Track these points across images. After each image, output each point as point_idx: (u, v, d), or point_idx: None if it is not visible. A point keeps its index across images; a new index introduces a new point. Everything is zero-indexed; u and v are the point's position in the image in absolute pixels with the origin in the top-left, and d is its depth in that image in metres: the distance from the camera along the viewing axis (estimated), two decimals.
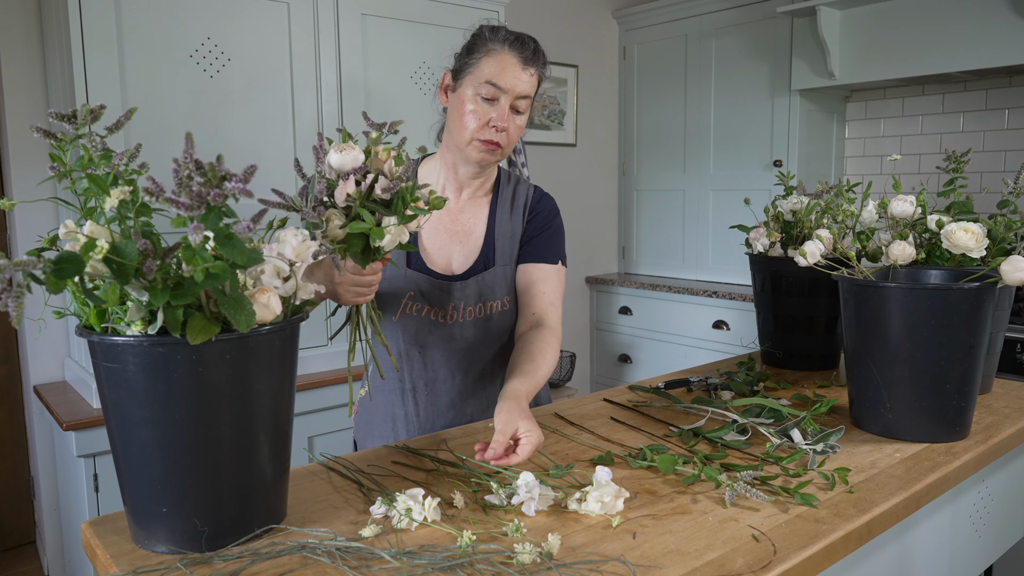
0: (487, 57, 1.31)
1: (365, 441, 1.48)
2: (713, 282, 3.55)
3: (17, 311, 0.66)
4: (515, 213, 1.44)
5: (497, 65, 1.30)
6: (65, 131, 0.82)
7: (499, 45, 1.31)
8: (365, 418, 1.49)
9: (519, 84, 1.31)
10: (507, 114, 1.31)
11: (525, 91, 1.32)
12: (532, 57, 1.33)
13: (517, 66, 1.31)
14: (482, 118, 1.30)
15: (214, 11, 2.16)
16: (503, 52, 1.31)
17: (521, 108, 1.33)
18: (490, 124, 1.31)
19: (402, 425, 1.43)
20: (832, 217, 1.58)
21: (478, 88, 1.30)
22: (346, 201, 1.01)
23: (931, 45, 2.75)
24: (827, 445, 1.16)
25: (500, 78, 1.29)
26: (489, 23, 1.36)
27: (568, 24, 3.64)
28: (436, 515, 0.92)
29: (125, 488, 0.85)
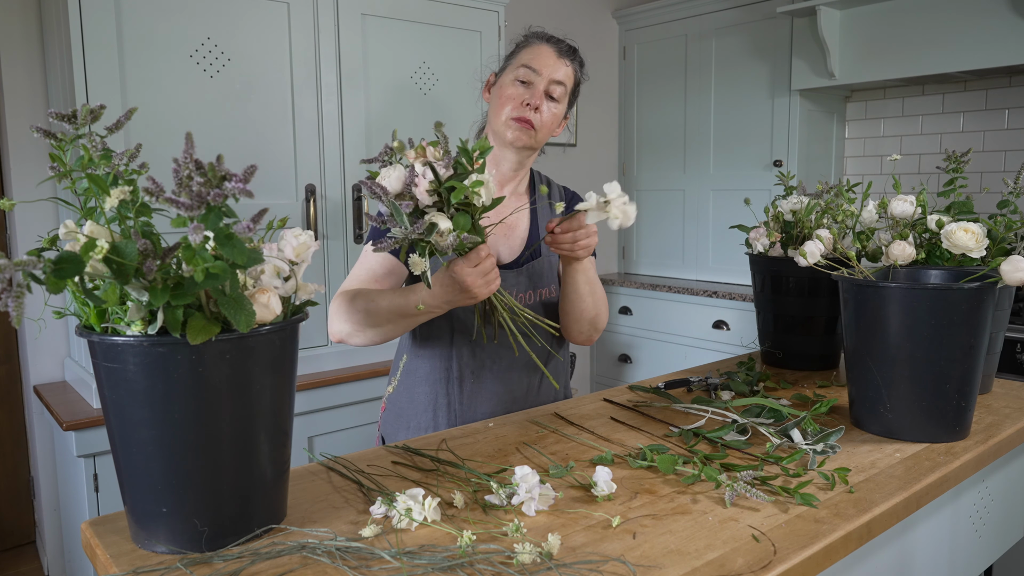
0: (526, 48, 1.44)
1: (396, 434, 1.50)
2: (713, 282, 3.55)
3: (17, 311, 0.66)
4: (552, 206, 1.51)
5: (534, 52, 1.43)
6: (65, 131, 0.82)
7: (537, 40, 1.45)
8: (395, 413, 1.50)
9: (554, 70, 1.41)
10: (541, 94, 1.40)
11: (559, 77, 1.42)
12: (567, 51, 1.45)
13: (552, 55, 1.42)
14: (517, 99, 1.40)
15: (214, 11, 2.16)
16: (540, 44, 1.44)
17: (556, 94, 1.42)
18: (524, 103, 1.39)
19: (443, 413, 1.45)
20: (832, 217, 1.58)
21: (516, 73, 1.41)
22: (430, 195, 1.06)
23: (931, 45, 2.75)
24: (827, 445, 1.16)
25: (535, 61, 1.41)
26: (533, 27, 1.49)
27: (568, 24, 3.64)
28: (436, 515, 0.92)
29: (125, 488, 0.85)
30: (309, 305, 0.92)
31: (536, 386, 1.50)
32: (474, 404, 1.45)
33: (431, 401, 1.46)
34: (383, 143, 2.52)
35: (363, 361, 2.52)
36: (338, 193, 2.44)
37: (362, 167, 2.48)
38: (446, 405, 1.45)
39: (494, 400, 1.45)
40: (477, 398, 1.44)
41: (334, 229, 2.44)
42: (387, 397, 1.53)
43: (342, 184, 2.45)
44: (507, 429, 1.31)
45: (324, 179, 2.41)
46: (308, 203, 2.36)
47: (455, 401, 1.45)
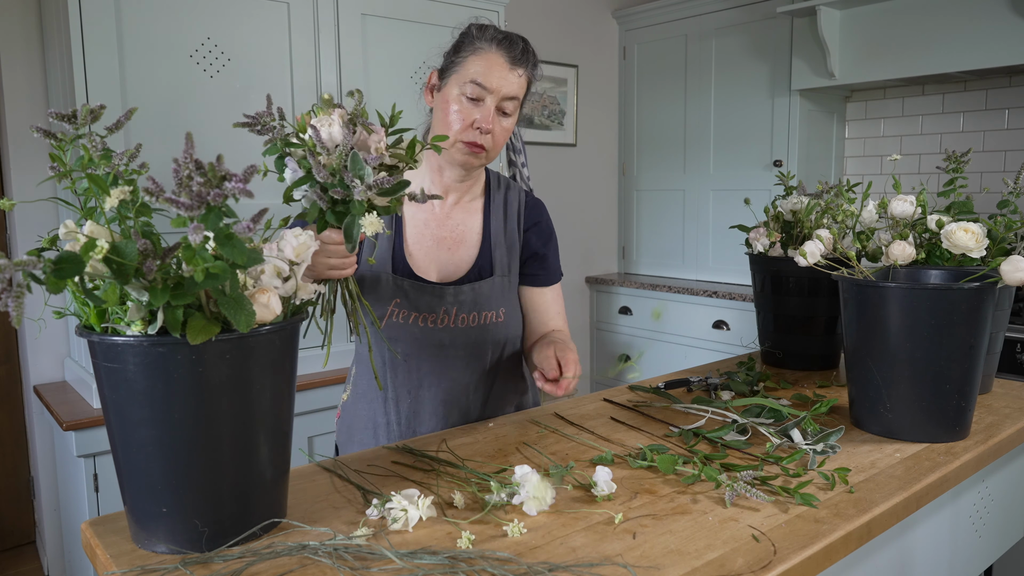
0: (474, 56, 1.27)
1: (346, 447, 1.45)
2: (713, 282, 3.55)
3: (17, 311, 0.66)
4: (509, 220, 1.42)
5: (483, 64, 1.26)
6: (65, 131, 0.82)
7: (486, 44, 1.28)
8: (347, 423, 1.45)
9: (506, 85, 1.27)
10: (492, 115, 1.27)
11: (512, 92, 1.28)
12: (521, 57, 1.29)
13: (504, 66, 1.27)
14: (466, 119, 1.27)
15: (214, 11, 2.16)
16: (490, 51, 1.27)
17: (508, 110, 1.29)
18: (474, 125, 1.27)
19: (383, 433, 1.39)
20: (832, 217, 1.58)
21: (463, 87, 1.27)
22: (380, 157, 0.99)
23: (931, 45, 2.75)
24: (827, 445, 1.16)
25: (486, 78, 1.26)
26: (479, 21, 1.32)
27: (568, 24, 3.64)
28: (432, 512, 0.92)
29: (125, 488, 0.85)
30: (309, 305, 0.92)
31: (481, 403, 1.41)
32: (413, 424, 1.38)
33: (371, 420, 1.40)
34: None
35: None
36: None
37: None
38: (385, 425, 1.39)
39: (435, 419, 1.37)
40: (417, 417, 1.38)
41: None
42: (342, 404, 1.47)
43: None
44: (507, 429, 1.30)
45: None
46: None
47: (393, 421, 1.38)
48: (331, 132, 0.97)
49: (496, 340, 1.40)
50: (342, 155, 0.97)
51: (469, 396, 1.40)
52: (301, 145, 0.99)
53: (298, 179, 1.00)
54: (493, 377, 1.42)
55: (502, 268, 1.39)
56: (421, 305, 1.34)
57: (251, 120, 1.00)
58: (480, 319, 1.37)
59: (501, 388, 1.44)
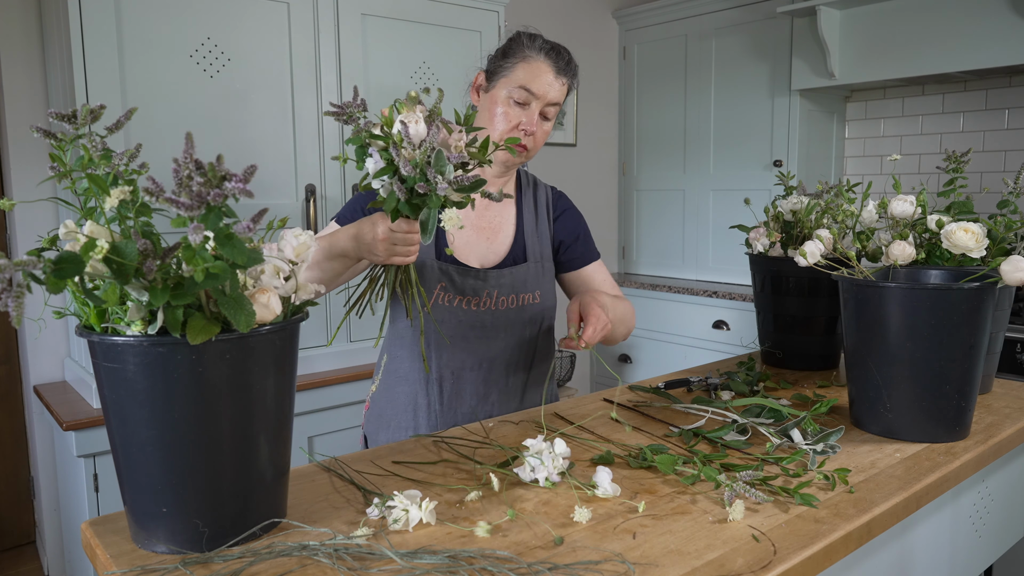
0: (523, 63, 1.38)
1: (378, 435, 1.49)
2: (713, 282, 3.55)
3: (17, 311, 0.66)
4: (540, 213, 1.52)
5: (532, 72, 1.37)
6: (65, 131, 0.82)
7: (536, 53, 1.38)
8: (377, 412, 1.50)
9: (551, 91, 1.38)
10: (536, 119, 1.38)
11: (555, 99, 1.39)
12: (566, 68, 1.40)
13: (551, 74, 1.38)
14: (512, 121, 1.38)
15: (214, 11, 2.16)
16: (539, 60, 1.38)
17: (549, 115, 1.41)
18: (519, 127, 1.38)
19: (424, 414, 1.44)
20: (832, 217, 1.58)
21: (511, 92, 1.37)
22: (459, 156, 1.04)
23: (931, 45, 2.75)
24: (827, 445, 1.16)
25: (534, 84, 1.36)
26: (527, 29, 1.44)
27: (568, 24, 3.64)
28: (432, 518, 0.92)
29: (125, 488, 0.85)
30: (309, 305, 0.92)
31: (521, 388, 1.49)
32: (455, 405, 1.44)
33: (411, 402, 1.45)
34: None
35: (363, 361, 2.52)
36: (338, 193, 2.44)
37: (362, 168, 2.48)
38: (426, 406, 1.44)
39: (476, 399, 1.44)
40: (458, 399, 1.44)
41: None
42: (370, 396, 1.53)
43: (342, 184, 2.45)
44: (507, 429, 1.30)
45: (324, 179, 2.41)
46: (308, 203, 2.36)
47: (435, 402, 1.44)
48: (417, 128, 1.02)
49: (533, 321, 1.48)
50: (427, 151, 1.02)
51: (509, 377, 1.47)
52: (383, 137, 1.05)
53: (380, 169, 1.05)
54: (531, 358, 1.50)
55: (535, 255, 1.48)
56: (466, 289, 1.41)
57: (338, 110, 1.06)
58: (519, 301, 1.45)
59: (538, 370, 1.53)
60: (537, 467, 1.03)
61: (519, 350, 1.47)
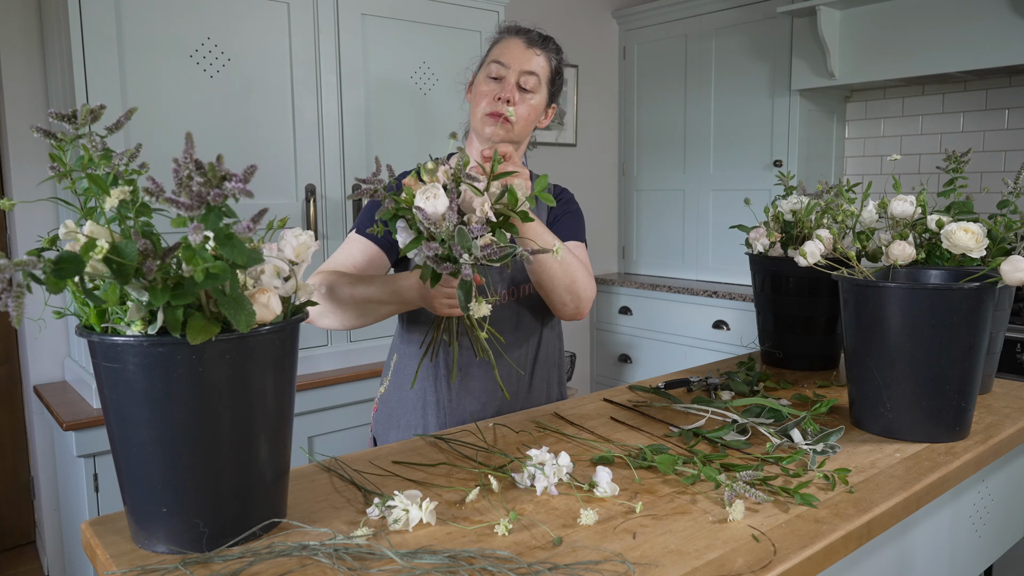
0: (497, 44, 1.45)
1: (387, 434, 1.50)
2: (713, 282, 3.55)
3: (17, 311, 0.66)
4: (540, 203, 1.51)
5: (503, 46, 1.43)
6: (65, 131, 0.82)
7: (507, 34, 1.45)
8: (386, 413, 1.51)
9: (523, 61, 1.40)
10: (512, 87, 1.39)
11: (530, 68, 1.40)
12: (538, 40, 1.43)
13: (521, 46, 1.41)
14: (489, 94, 1.40)
15: (214, 11, 2.16)
16: (509, 36, 1.44)
17: (529, 85, 1.40)
18: (495, 98, 1.39)
19: (432, 412, 1.45)
20: (832, 217, 1.58)
21: (487, 69, 1.42)
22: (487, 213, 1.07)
23: (931, 45, 2.75)
24: (827, 445, 1.16)
25: (504, 55, 1.41)
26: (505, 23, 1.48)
27: (568, 24, 3.64)
28: (432, 518, 0.92)
29: (125, 488, 0.85)
30: (309, 305, 0.92)
31: (527, 385, 1.51)
32: (463, 402, 1.45)
33: (420, 399, 1.46)
34: (382, 143, 2.53)
35: (363, 361, 2.52)
36: (338, 193, 2.44)
37: (361, 166, 2.48)
38: (435, 403, 1.45)
39: (483, 397, 1.45)
40: (465, 396, 1.45)
41: (334, 229, 2.44)
42: (379, 397, 1.54)
43: (342, 184, 2.45)
44: (507, 429, 1.31)
45: (324, 179, 2.41)
46: (308, 203, 2.36)
47: (443, 399, 1.45)
48: (436, 206, 1.03)
49: (534, 312, 1.50)
50: (449, 231, 1.03)
51: (514, 372, 1.49)
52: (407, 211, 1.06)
53: (411, 242, 1.07)
54: (535, 350, 1.51)
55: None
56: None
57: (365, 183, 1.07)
58: (518, 292, 1.47)
59: (543, 363, 1.54)
60: (537, 476, 1.02)
61: (522, 343, 1.49)
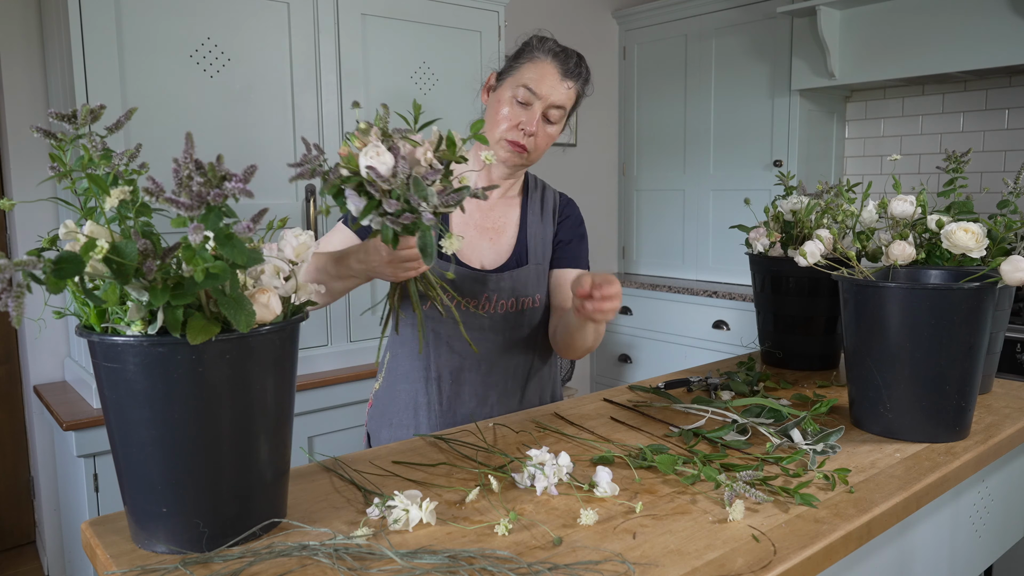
0: (530, 63, 1.37)
1: (380, 432, 1.49)
2: (713, 282, 3.55)
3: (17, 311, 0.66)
4: (545, 216, 1.52)
5: (537, 71, 1.36)
6: (65, 131, 0.82)
7: (543, 54, 1.37)
8: (379, 410, 1.50)
9: (554, 93, 1.36)
10: (538, 120, 1.36)
11: (560, 101, 1.37)
12: (573, 71, 1.38)
13: (556, 76, 1.36)
14: (513, 120, 1.36)
15: (214, 11, 2.16)
16: (545, 61, 1.37)
17: (553, 118, 1.38)
18: (519, 127, 1.36)
19: (424, 413, 1.44)
20: (832, 217, 1.58)
21: (515, 91, 1.36)
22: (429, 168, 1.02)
23: (931, 45, 2.75)
24: (827, 445, 1.16)
25: (537, 84, 1.35)
26: (540, 33, 1.42)
27: (568, 24, 3.64)
28: (432, 518, 0.92)
29: (125, 488, 0.85)
30: (309, 305, 0.92)
31: (521, 388, 1.49)
32: (454, 405, 1.44)
33: (411, 400, 1.45)
34: None
35: (362, 361, 2.52)
36: None
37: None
38: (426, 405, 1.44)
39: (475, 401, 1.44)
40: (457, 399, 1.44)
41: None
42: (373, 394, 1.53)
43: None
44: (507, 429, 1.31)
45: None
46: (308, 203, 2.36)
47: (435, 401, 1.44)
48: (384, 161, 0.99)
49: (533, 325, 1.48)
50: (403, 181, 0.99)
51: (508, 380, 1.47)
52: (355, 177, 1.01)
53: (364, 208, 1.02)
54: (531, 362, 1.49)
55: (536, 257, 1.48)
56: (465, 290, 1.41)
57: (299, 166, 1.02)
58: (518, 305, 1.45)
59: (540, 373, 1.52)
60: (537, 476, 1.02)
61: (518, 354, 1.47)
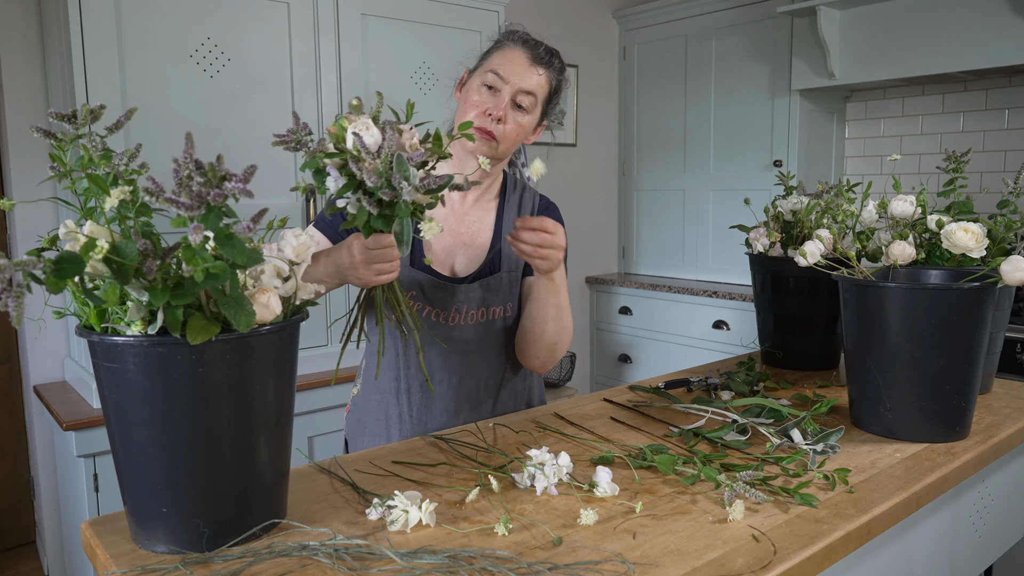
0: (497, 51, 1.36)
1: (356, 441, 1.46)
2: (713, 282, 3.55)
3: (17, 311, 0.66)
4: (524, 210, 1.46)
5: (504, 58, 1.34)
6: (65, 131, 0.82)
7: (511, 42, 1.36)
8: (357, 417, 1.47)
9: (523, 79, 1.32)
10: (506, 105, 1.32)
11: (529, 87, 1.33)
12: (544, 57, 1.35)
13: (525, 61, 1.33)
14: (481, 107, 1.32)
15: (214, 11, 2.16)
16: (513, 47, 1.35)
17: (524, 104, 1.34)
18: (487, 112, 1.32)
19: (395, 425, 1.40)
20: (832, 217, 1.58)
21: (483, 77, 1.34)
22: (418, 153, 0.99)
23: (931, 45, 2.75)
24: (827, 445, 1.16)
25: (504, 69, 1.32)
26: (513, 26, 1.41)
27: (568, 24, 3.64)
28: (431, 519, 0.92)
29: (125, 488, 0.85)
30: (309, 305, 0.92)
31: (492, 400, 1.44)
32: (425, 418, 1.39)
33: (383, 411, 1.41)
34: None
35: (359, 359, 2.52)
36: None
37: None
38: (397, 416, 1.40)
39: (446, 415, 1.39)
40: (428, 411, 1.39)
41: None
42: (352, 399, 1.49)
43: None
44: (507, 429, 1.30)
45: None
46: (308, 203, 2.36)
47: (405, 414, 1.40)
48: (372, 135, 0.97)
49: (502, 336, 1.43)
50: (387, 158, 0.97)
51: (480, 391, 1.42)
52: (340, 154, 0.99)
53: (343, 187, 0.99)
54: (502, 373, 1.44)
55: (508, 264, 1.42)
56: (435, 300, 1.36)
57: (284, 137, 1.00)
58: (488, 315, 1.40)
59: (510, 386, 1.46)
60: (537, 476, 1.02)
61: (489, 365, 1.42)
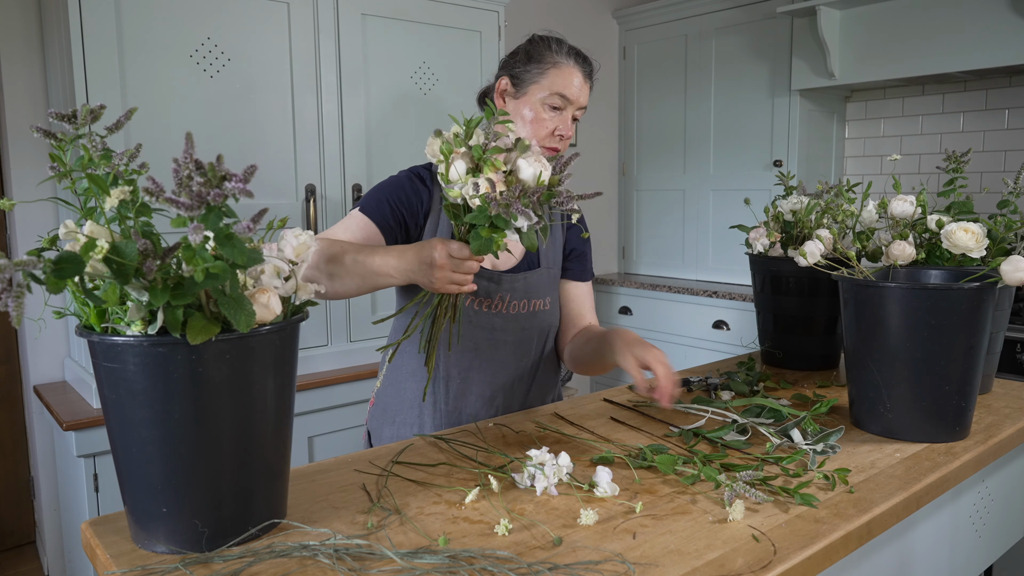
0: (554, 68, 1.39)
1: (381, 430, 1.50)
2: (713, 282, 3.55)
3: (17, 311, 0.66)
4: (554, 219, 1.53)
5: (565, 77, 1.39)
6: (65, 131, 0.82)
7: (566, 59, 1.41)
8: (381, 408, 1.51)
9: (583, 97, 1.42)
10: (570, 123, 1.42)
11: (585, 103, 1.43)
12: (592, 72, 1.45)
13: (581, 79, 1.41)
14: (549, 127, 1.39)
15: (214, 11, 2.16)
16: (570, 65, 1.40)
17: (578, 117, 1.44)
18: (555, 133, 1.40)
19: (429, 412, 1.45)
20: (832, 217, 1.58)
21: (546, 98, 1.39)
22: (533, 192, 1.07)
23: (931, 45, 2.75)
24: (827, 445, 1.16)
25: (568, 90, 1.39)
26: (551, 34, 1.45)
27: (568, 24, 3.64)
28: None
29: (125, 488, 0.85)
30: (309, 305, 0.92)
31: (525, 390, 1.49)
32: (460, 405, 1.44)
33: (417, 398, 1.45)
34: (382, 143, 2.53)
35: (362, 361, 2.52)
36: (338, 193, 2.44)
37: (361, 166, 2.48)
38: (432, 403, 1.44)
39: (481, 401, 1.44)
40: (464, 399, 1.44)
41: None
42: (375, 392, 1.53)
43: (342, 184, 2.45)
44: (507, 429, 1.31)
45: (324, 179, 2.41)
46: (308, 203, 2.36)
47: (441, 400, 1.44)
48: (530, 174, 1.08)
49: (542, 327, 1.49)
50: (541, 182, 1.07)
51: (515, 381, 1.47)
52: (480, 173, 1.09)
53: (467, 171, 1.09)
54: (538, 363, 1.50)
55: (547, 261, 1.49)
56: (479, 290, 1.41)
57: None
58: (530, 306, 1.46)
59: (544, 375, 1.53)
60: (537, 476, 1.02)
61: (526, 355, 1.47)
